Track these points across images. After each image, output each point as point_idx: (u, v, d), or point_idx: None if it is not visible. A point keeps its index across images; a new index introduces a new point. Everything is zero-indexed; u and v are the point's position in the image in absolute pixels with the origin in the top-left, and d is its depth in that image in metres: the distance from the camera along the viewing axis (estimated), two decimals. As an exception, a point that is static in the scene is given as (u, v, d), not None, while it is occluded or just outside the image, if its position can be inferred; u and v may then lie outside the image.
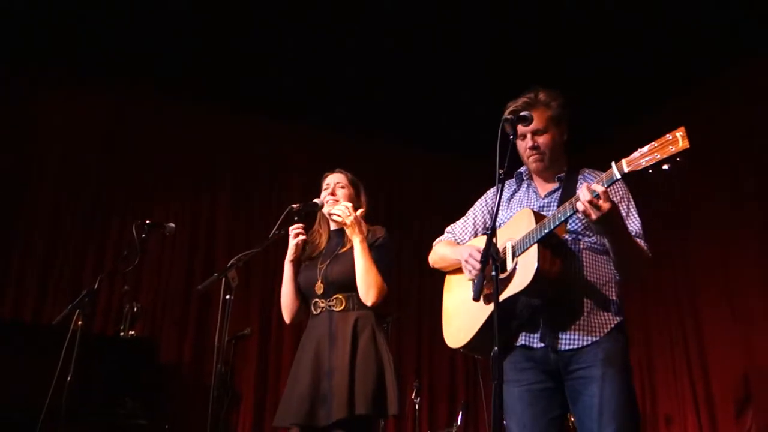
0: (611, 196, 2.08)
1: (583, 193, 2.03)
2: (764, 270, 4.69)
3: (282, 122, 6.25)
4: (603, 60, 5.18)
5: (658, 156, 1.90)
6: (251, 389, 5.44)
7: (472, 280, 2.40)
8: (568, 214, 2.12)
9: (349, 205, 2.90)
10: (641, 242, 2.29)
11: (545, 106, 2.39)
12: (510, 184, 2.57)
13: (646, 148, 1.94)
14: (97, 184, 5.52)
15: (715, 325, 4.97)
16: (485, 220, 2.63)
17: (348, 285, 2.86)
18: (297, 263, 3.02)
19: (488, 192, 2.69)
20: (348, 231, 2.87)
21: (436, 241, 2.75)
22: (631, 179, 2.04)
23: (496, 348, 1.85)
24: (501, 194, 2.10)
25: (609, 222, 2.05)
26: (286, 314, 3.06)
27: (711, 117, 5.21)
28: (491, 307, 2.27)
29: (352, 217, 2.84)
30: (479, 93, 5.31)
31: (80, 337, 3.03)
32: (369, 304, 2.81)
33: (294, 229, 2.95)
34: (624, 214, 2.31)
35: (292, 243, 2.96)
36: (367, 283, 2.80)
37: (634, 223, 2.33)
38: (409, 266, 5.87)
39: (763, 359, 4.58)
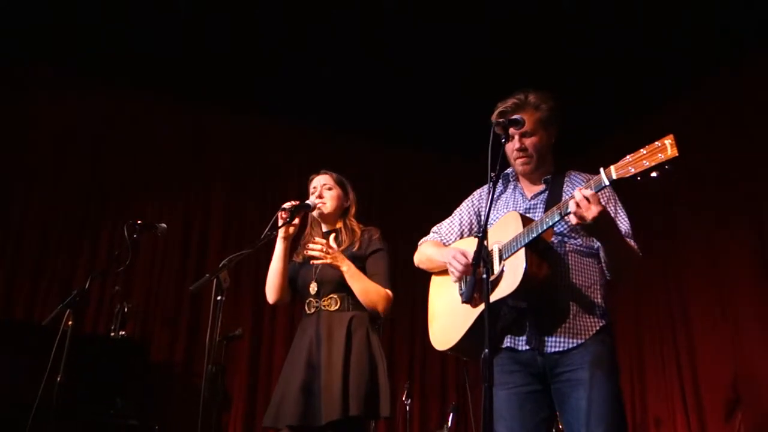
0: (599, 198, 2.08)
1: (576, 195, 2.04)
2: (754, 273, 4.68)
3: (276, 122, 6.26)
4: (600, 62, 5.21)
5: (647, 163, 1.90)
6: (242, 390, 5.42)
7: (459, 281, 2.41)
8: (556, 219, 2.12)
9: (323, 241, 2.87)
10: (631, 242, 2.29)
11: (535, 108, 2.38)
12: (497, 186, 2.57)
13: (635, 155, 1.94)
14: (89, 183, 5.52)
15: (704, 328, 4.98)
16: (471, 221, 2.64)
17: (343, 285, 2.89)
18: (289, 240, 2.99)
19: (474, 193, 2.70)
20: (333, 266, 2.85)
21: (422, 240, 2.75)
22: (619, 185, 2.05)
23: (486, 351, 1.84)
24: (492, 197, 2.10)
25: (601, 224, 2.05)
26: (271, 293, 3.04)
27: (703, 120, 5.23)
28: (478, 309, 2.28)
29: (329, 255, 2.81)
30: (478, 93, 5.31)
31: (71, 336, 3.01)
32: (382, 315, 2.89)
33: (281, 214, 2.93)
34: (612, 216, 2.30)
35: (281, 222, 2.93)
36: (371, 302, 2.86)
37: (623, 224, 2.34)
38: (402, 267, 5.83)
39: (752, 362, 4.59)
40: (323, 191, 3.09)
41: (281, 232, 2.96)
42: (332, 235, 2.99)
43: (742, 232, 4.84)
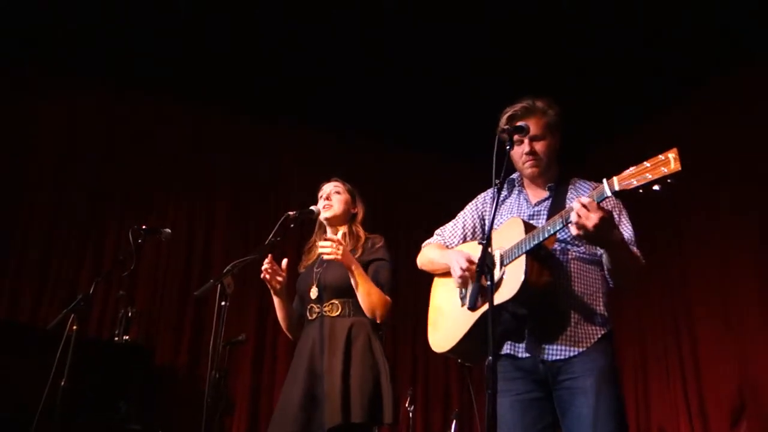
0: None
1: (574, 205, 2.05)
2: (759, 281, 4.68)
3: (281, 126, 6.24)
4: (600, 63, 5.21)
5: (650, 176, 1.90)
6: (246, 395, 5.41)
7: (460, 286, 2.42)
8: (558, 227, 2.14)
9: (334, 237, 2.84)
10: (635, 249, 2.30)
11: (543, 113, 2.42)
12: (502, 190, 2.58)
13: (638, 167, 1.95)
14: (94, 187, 5.49)
15: (709, 336, 4.97)
16: (475, 224, 2.65)
17: (344, 290, 2.88)
18: (282, 292, 3.01)
19: (479, 196, 2.71)
20: (343, 264, 2.83)
21: (425, 243, 2.78)
22: (621, 197, 2.07)
23: (490, 358, 1.85)
24: (497, 203, 2.11)
25: (602, 232, 2.05)
26: (289, 333, 3.12)
27: (709, 126, 5.21)
28: (477, 313, 2.29)
29: (340, 252, 2.78)
30: (478, 93, 5.33)
31: (75, 341, 3.01)
32: (378, 321, 2.87)
33: (264, 266, 2.93)
34: (615, 222, 2.31)
35: (263, 273, 2.94)
36: (371, 305, 2.84)
37: (626, 231, 2.35)
38: (405, 272, 5.82)
39: (756, 370, 4.58)
40: (332, 194, 3.11)
41: (271, 289, 2.98)
42: (341, 232, 2.97)
43: (747, 238, 4.82)
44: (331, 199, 3.09)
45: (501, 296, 2.20)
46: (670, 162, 1.87)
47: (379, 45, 5.22)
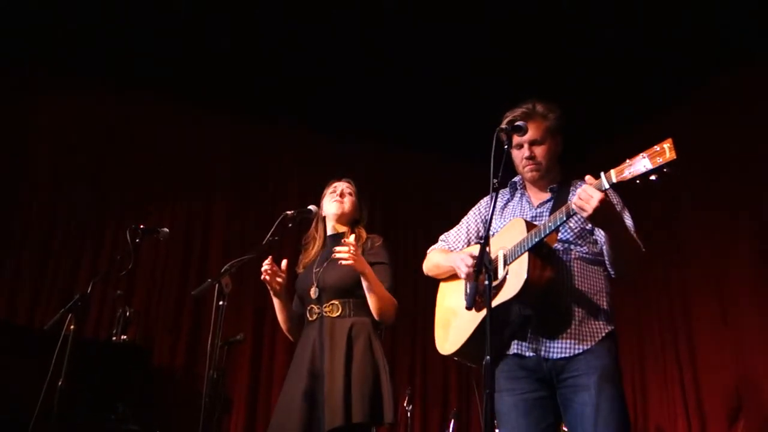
0: None
1: (578, 192, 2.08)
2: (756, 279, 4.67)
3: (281, 126, 6.23)
4: (600, 62, 5.19)
5: (646, 167, 1.93)
6: (243, 395, 5.39)
7: (465, 286, 2.43)
8: (558, 223, 2.17)
9: (349, 242, 2.82)
10: (636, 236, 2.31)
11: (542, 117, 2.44)
12: (503, 194, 2.62)
13: (634, 159, 1.97)
14: (92, 187, 5.48)
15: (706, 335, 4.96)
16: (478, 228, 2.68)
17: (344, 291, 2.89)
18: (282, 293, 3.01)
19: (481, 201, 2.74)
20: (356, 269, 2.82)
21: (430, 249, 2.80)
22: (619, 189, 2.09)
23: (488, 357, 1.86)
24: (495, 204, 2.11)
25: (604, 210, 2.06)
26: (290, 336, 3.12)
27: (709, 126, 5.20)
28: (482, 315, 2.31)
29: (356, 258, 2.77)
30: (478, 93, 5.33)
31: (72, 341, 3.01)
32: (386, 324, 2.90)
33: (264, 268, 2.92)
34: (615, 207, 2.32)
35: (264, 275, 2.93)
36: (382, 310, 2.85)
37: (627, 221, 2.35)
38: (404, 273, 5.81)
39: (754, 369, 4.58)
40: (345, 192, 3.11)
41: (271, 291, 2.98)
42: (353, 236, 2.97)
43: (745, 237, 4.81)
44: (344, 196, 3.09)
45: (505, 294, 2.23)
46: (665, 152, 1.89)
47: (379, 45, 5.21)
